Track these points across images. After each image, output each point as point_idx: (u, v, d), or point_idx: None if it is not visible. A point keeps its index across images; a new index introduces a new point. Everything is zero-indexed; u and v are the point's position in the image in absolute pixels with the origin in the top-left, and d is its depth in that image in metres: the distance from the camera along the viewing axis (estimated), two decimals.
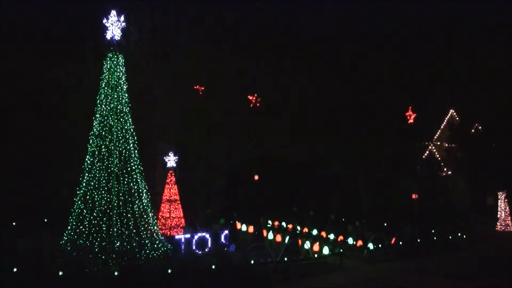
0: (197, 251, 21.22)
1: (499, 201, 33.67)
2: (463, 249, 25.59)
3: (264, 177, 38.90)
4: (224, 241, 22.73)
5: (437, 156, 41.92)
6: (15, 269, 16.21)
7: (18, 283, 15.77)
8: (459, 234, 28.95)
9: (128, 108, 19.31)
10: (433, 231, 28.46)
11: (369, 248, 23.00)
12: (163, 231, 23.31)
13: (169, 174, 25.16)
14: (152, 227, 19.08)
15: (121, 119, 18.95)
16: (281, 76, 35.75)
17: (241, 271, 18.37)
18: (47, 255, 18.01)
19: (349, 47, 39.27)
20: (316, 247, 22.20)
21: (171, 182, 24.99)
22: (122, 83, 19.21)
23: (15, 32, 31.16)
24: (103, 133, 18.65)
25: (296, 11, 41.70)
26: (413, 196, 35.40)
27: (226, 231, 23.26)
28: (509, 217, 33.21)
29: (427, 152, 42.14)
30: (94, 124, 18.97)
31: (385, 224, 30.02)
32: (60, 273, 15.98)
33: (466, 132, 38.14)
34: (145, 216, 18.89)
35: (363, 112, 36.60)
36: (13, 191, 29.24)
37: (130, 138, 19.14)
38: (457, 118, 43.07)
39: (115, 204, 18.16)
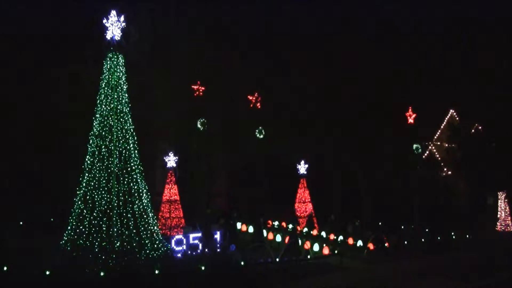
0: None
1: (499, 201, 33.67)
2: (463, 249, 25.58)
3: (264, 177, 38.85)
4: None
5: (437, 156, 41.92)
6: (15, 269, 16.25)
7: (18, 283, 15.79)
8: (459, 234, 28.96)
9: (128, 108, 19.34)
10: (433, 231, 28.48)
11: (369, 248, 23.01)
12: (163, 231, 23.29)
13: (169, 174, 25.16)
14: (152, 227, 19.08)
15: (121, 119, 18.97)
16: (280, 75, 35.78)
17: (241, 271, 18.38)
18: (47, 255, 18.02)
19: (349, 47, 39.26)
20: (316, 247, 22.21)
21: (171, 182, 25.00)
22: (122, 83, 19.23)
23: (15, 32, 31.14)
24: (103, 133, 18.67)
25: (295, 9, 41.71)
26: (413, 196, 35.39)
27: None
28: (509, 217, 33.22)
29: (427, 152, 42.14)
30: (94, 124, 18.99)
31: (385, 224, 30.01)
32: (60, 273, 16.01)
33: (466, 132, 38.13)
34: (145, 216, 18.90)
35: (363, 112, 36.59)
36: (14, 191, 29.24)
37: (130, 138, 19.16)
38: (457, 118, 43.06)
39: (115, 204, 18.16)
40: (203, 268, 17.95)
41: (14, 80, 30.51)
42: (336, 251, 21.67)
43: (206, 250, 21.52)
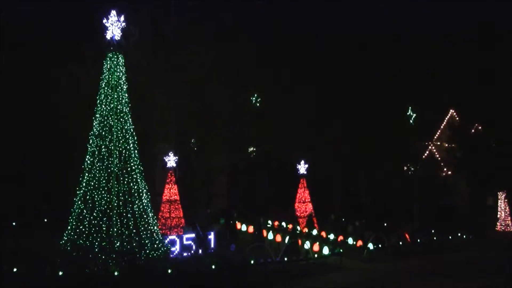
0: None
1: (499, 201, 33.65)
2: (463, 249, 25.59)
3: (264, 177, 38.88)
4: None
5: (437, 156, 41.91)
6: (15, 269, 16.25)
7: (18, 283, 15.79)
8: (459, 234, 28.96)
9: (128, 108, 19.35)
10: (433, 231, 28.48)
11: (369, 248, 23.02)
12: (163, 231, 23.28)
13: (169, 174, 25.17)
14: (152, 227, 19.09)
15: (121, 119, 18.99)
16: (280, 75, 35.79)
17: (241, 271, 18.38)
18: (47, 255, 18.02)
19: (349, 47, 39.27)
20: (316, 247, 22.22)
21: (171, 182, 25.00)
22: (122, 83, 19.25)
23: (15, 32, 31.14)
24: (103, 133, 18.70)
25: (294, 10, 41.79)
26: (413, 196, 35.41)
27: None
28: (509, 217, 33.21)
29: (427, 152, 42.14)
30: (94, 124, 19.01)
31: (385, 224, 30.02)
32: (60, 273, 16.01)
33: (466, 132, 38.08)
34: (145, 216, 18.92)
35: (363, 112, 36.61)
36: (13, 191, 29.24)
37: (130, 138, 19.18)
38: (457, 118, 43.05)
39: (115, 204, 18.18)
40: (202, 268, 17.99)
41: (14, 80, 30.49)
42: (336, 251, 21.68)
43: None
